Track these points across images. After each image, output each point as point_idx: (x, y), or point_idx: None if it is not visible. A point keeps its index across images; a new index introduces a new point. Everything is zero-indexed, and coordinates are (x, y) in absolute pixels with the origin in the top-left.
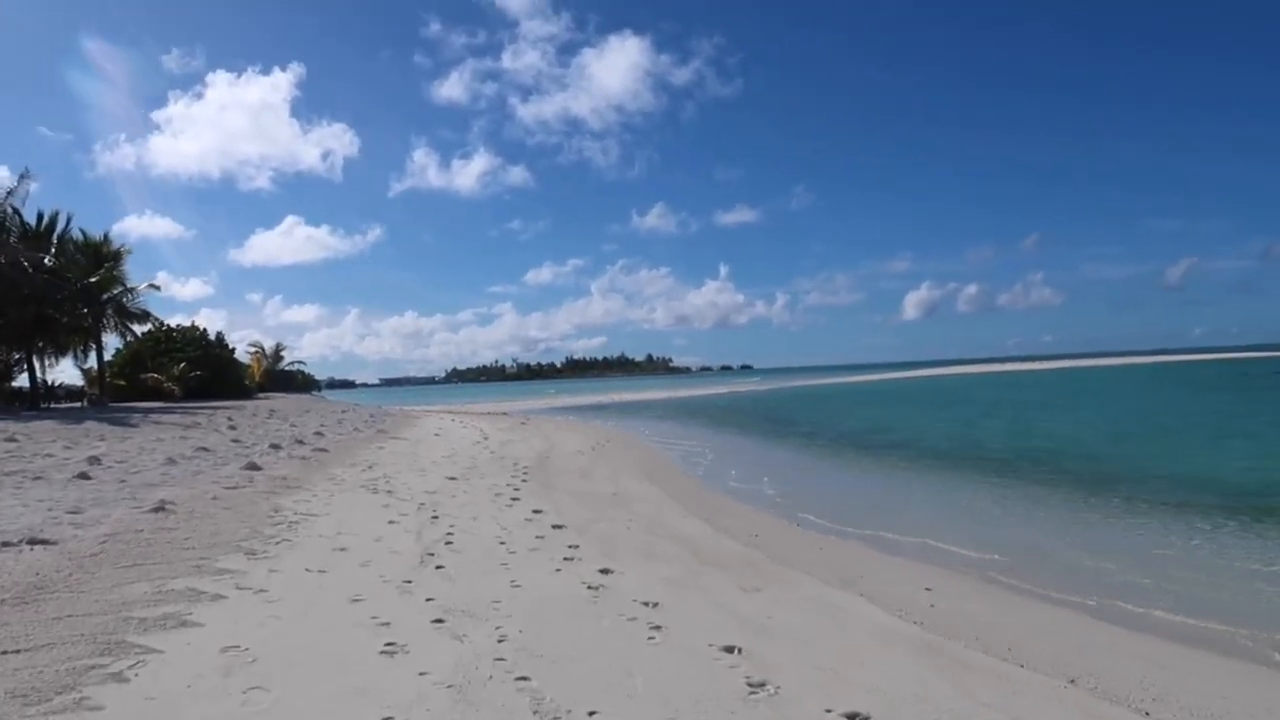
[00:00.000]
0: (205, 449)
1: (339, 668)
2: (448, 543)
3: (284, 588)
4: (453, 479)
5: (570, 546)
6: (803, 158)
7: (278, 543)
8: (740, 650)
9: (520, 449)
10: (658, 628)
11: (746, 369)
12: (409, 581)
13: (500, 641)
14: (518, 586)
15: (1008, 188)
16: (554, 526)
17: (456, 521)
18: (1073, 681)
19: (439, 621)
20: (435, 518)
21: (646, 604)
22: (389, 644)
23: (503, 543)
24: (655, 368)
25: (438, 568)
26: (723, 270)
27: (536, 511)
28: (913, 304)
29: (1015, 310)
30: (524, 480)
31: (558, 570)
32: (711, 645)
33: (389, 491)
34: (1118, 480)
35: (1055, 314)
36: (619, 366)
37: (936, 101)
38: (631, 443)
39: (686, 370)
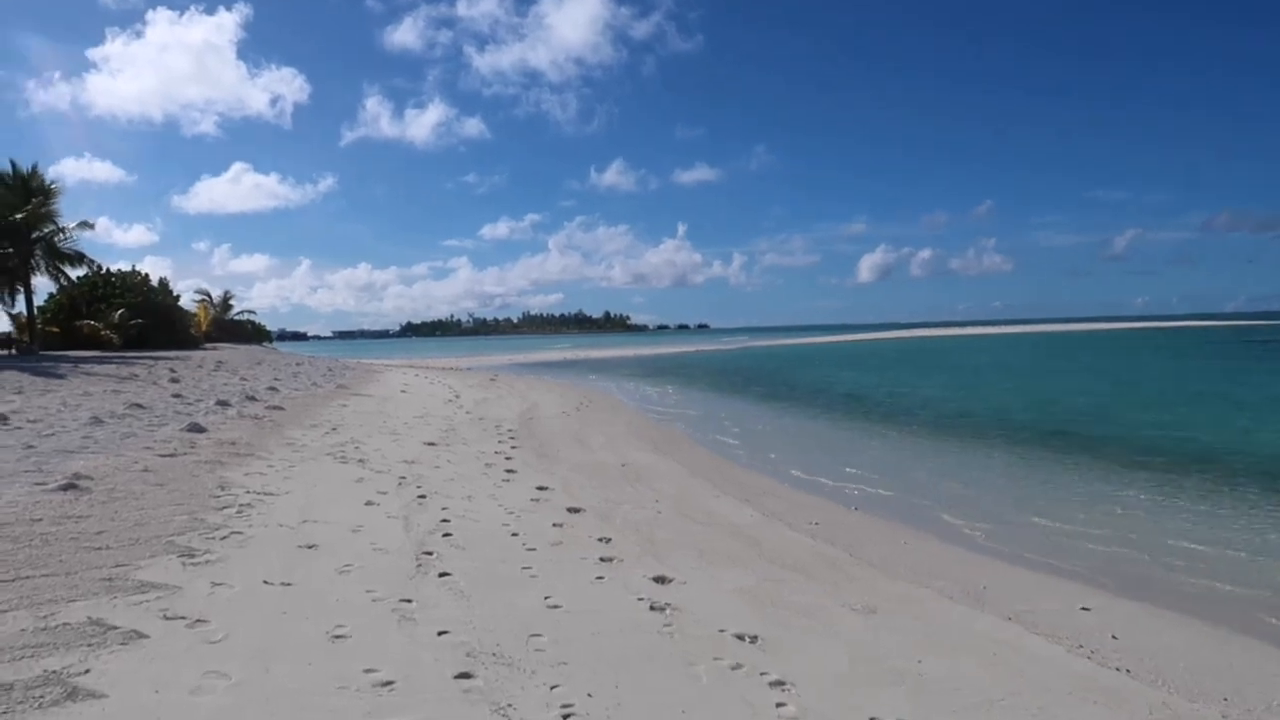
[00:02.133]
0: (140, 405)
1: None
2: (446, 535)
3: (232, 616)
4: (432, 445)
5: (601, 540)
6: (764, 119)
7: (224, 537)
8: None
9: (498, 409)
10: (780, 684)
11: (703, 328)
12: (408, 601)
13: (567, 719)
14: (556, 607)
15: (962, 157)
16: (570, 510)
17: (449, 502)
18: None
19: (465, 677)
20: (422, 497)
21: (742, 638)
22: None
23: (514, 534)
24: (613, 325)
25: (441, 575)
26: (681, 229)
27: (541, 489)
28: (867, 267)
29: (967, 275)
30: (514, 447)
31: (599, 579)
32: None
33: (361, 461)
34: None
35: (1005, 280)
36: (576, 324)
37: (894, 73)
38: (615, 405)
39: (644, 328)
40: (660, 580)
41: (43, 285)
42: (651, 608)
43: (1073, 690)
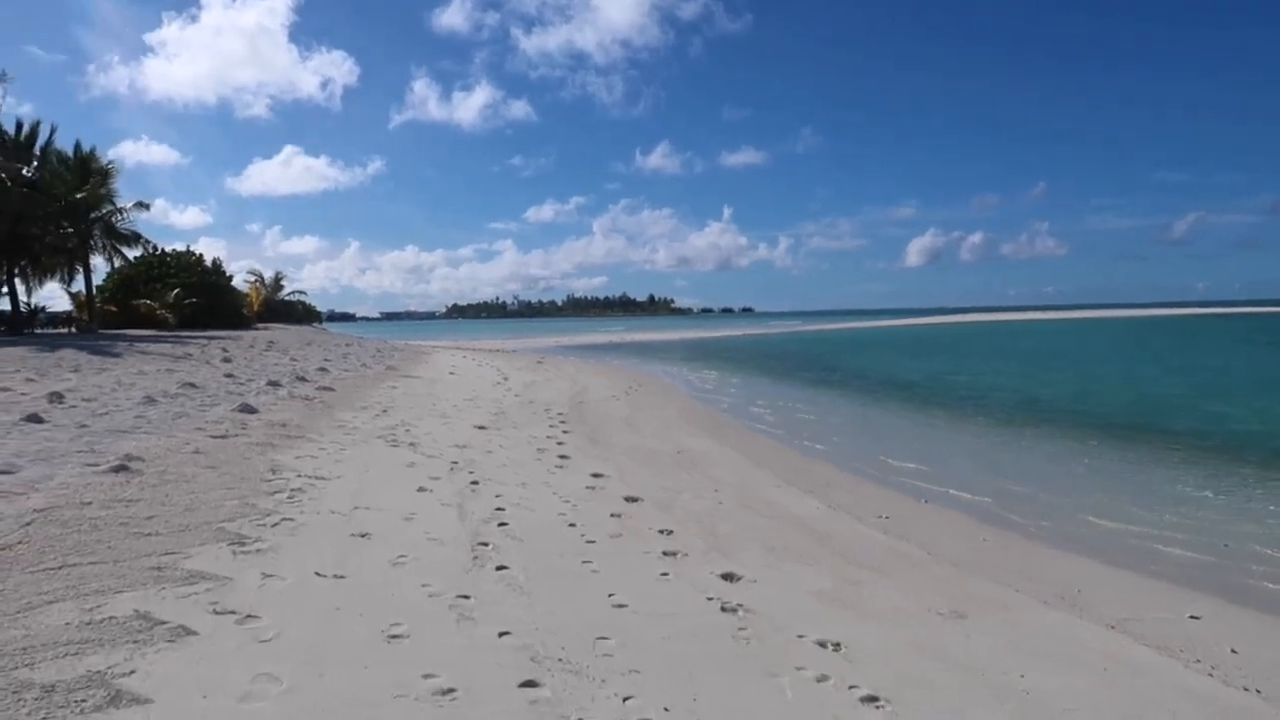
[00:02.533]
0: (193, 385)
1: None
2: (501, 525)
3: (283, 611)
4: (482, 428)
5: (663, 533)
6: (810, 101)
7: (275, 524)
8: None
9: (546, 392)
10: (874, 701)
11: (748, 312)
12: (465, 597)
13: None
14: (621, 606)
15: (1015, 138)
16: (627, 499)
17: (503, 490)
18: None
19: (530, 685)
20: (475, 483)
21: (824, 645)
22: None
23: (572, 524)
24: (657, 309)
25: (499, 569)
26: (726, 212)
27: (596, 475)
28: (916, 251)
29: (1018, 260)
30: (565, 432)
31: (664, 575)
32: None
33: (412, 445)
34: None
35: (1057, 265)
36: (620, 307)
37: (946, 53)
38: (666, 389)
39: (688, 311)
40: (729, 578)
41: (101, 265)
42: (723, 609)
43: (1198, 713)
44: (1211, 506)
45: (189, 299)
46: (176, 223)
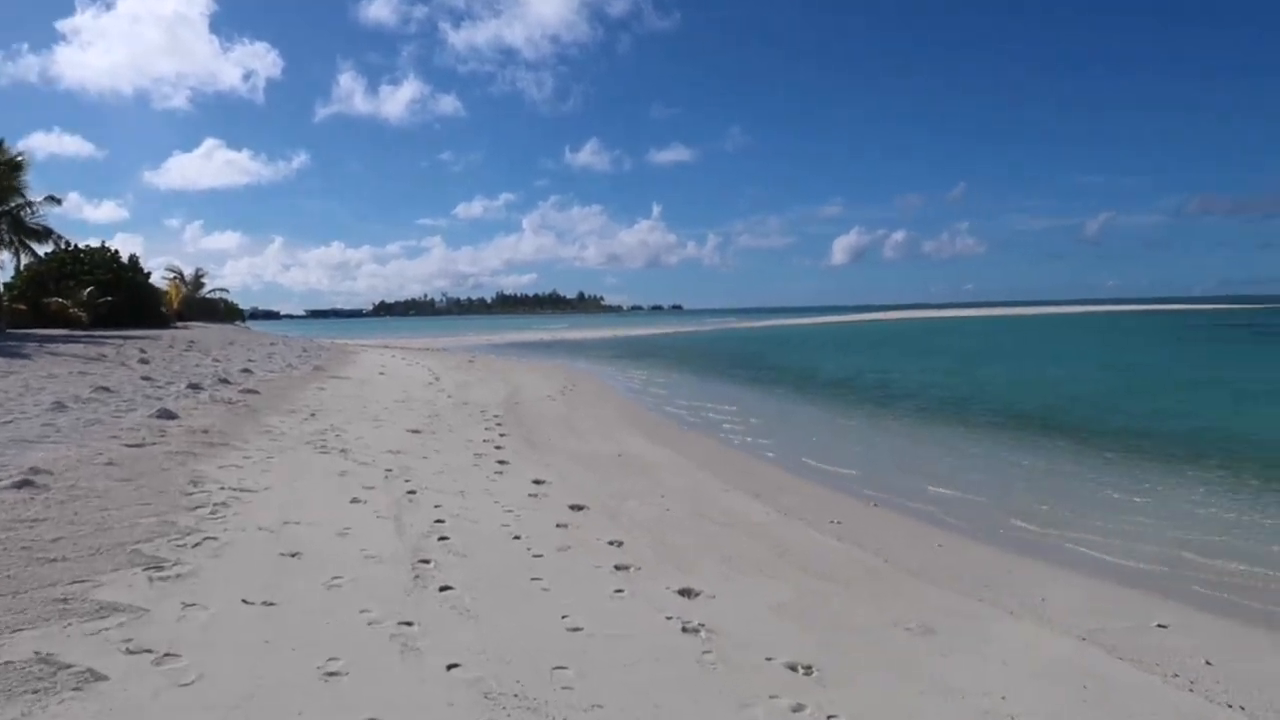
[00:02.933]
0: (107, 389)
1: None
2: (441, 539)
3: (206, 647)
4: (416, 432)
5: (612, 544)
6: (739, 99)
7: (196, 544)
8: None
9: (480, 392)
10: None
11: (677, 309)
12: (408, 624)
13: None
14: (577, 630)
15: (937, 139)
16: (572, 507)
17: (441, 499)
18: None
19: None
20: (412, 492)
21: (795, 668)
22: None
23: (516, 536)
24: (587, 306)
25: (443, 589)
26: (655, 209)
27: (538, 482)
28: (842, 249)
29: (940, 258)
30: (502, 435)
31: (618, 592)
32: None
33: (343, 451)
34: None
35: (978, 263)
36: (550, 304)
37: (869, 54)
38: (601, 388)
39: (618, 309)
40: (687, 593)
41: (9, 262)
42: (684, 629)
43: None
44: (1157, 507)
45: (104, 297)
46: (91, 218)
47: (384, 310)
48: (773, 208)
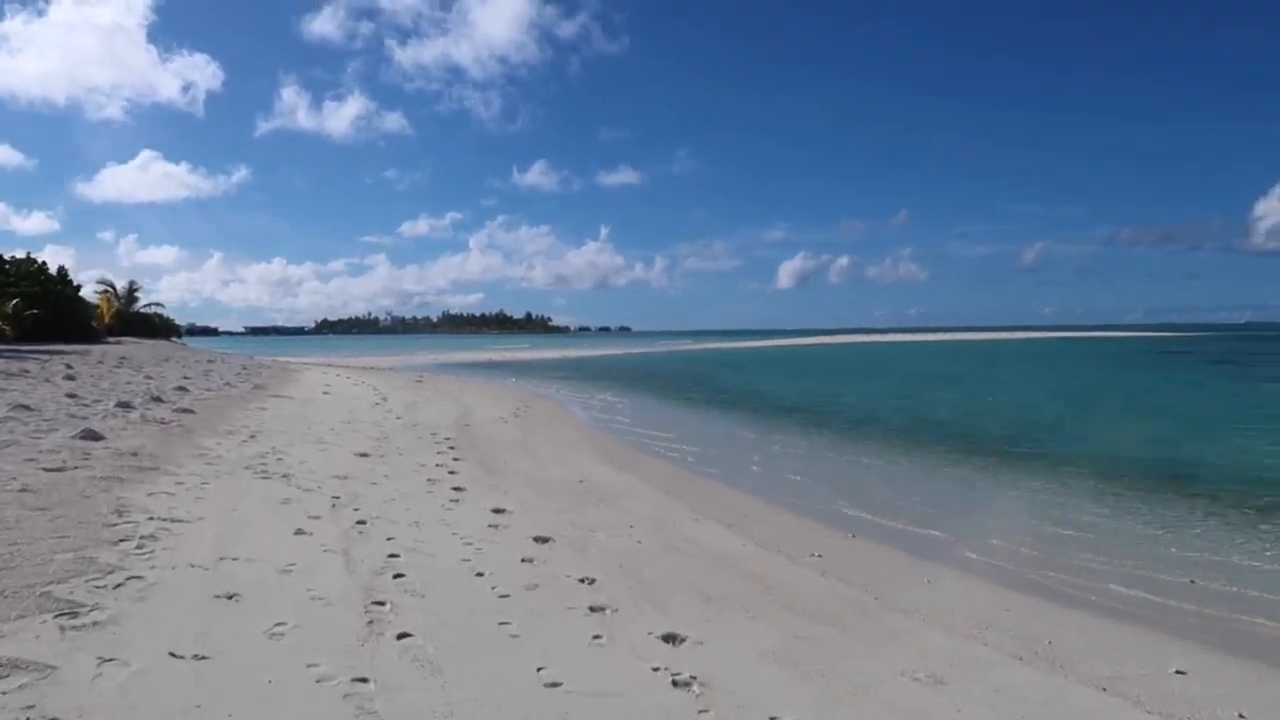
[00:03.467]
0: (27, 407)
1: None
2: (397, 576)
3: (125, 714)
4: (364, 456)
5: (583, 581)
6: (687, 122)
7: (119, 585)
8: None
9: (430, 413)
10: None
11: (625, 330)
12: (363, 680)
13: None
14: (555, 686)
15: (880, 166)
16: (536, 539)
17: (394, 530)
18: None
19: None
20: (362, 523)
21: None
22: None
23: (479, 573)
24: (534, 326)
25: (400, 636)
26: (603, 231)
27: (498, 511)
28: (787, 273)
29: (884, 283)
30: (456, 459)
31: (596, 638)
32: None
33: (285, 476)
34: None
35: (920, 288)
36: (497, 324)
37: (813, 80)
38: (555, 410)
39: (565, 330)
40: (671, 639)
41: None
42: (675, 683)
43: None
44: (1150, 539)
45: (30, 310)
46: (19, 229)
47: (327, 328)
48: (719, 231)
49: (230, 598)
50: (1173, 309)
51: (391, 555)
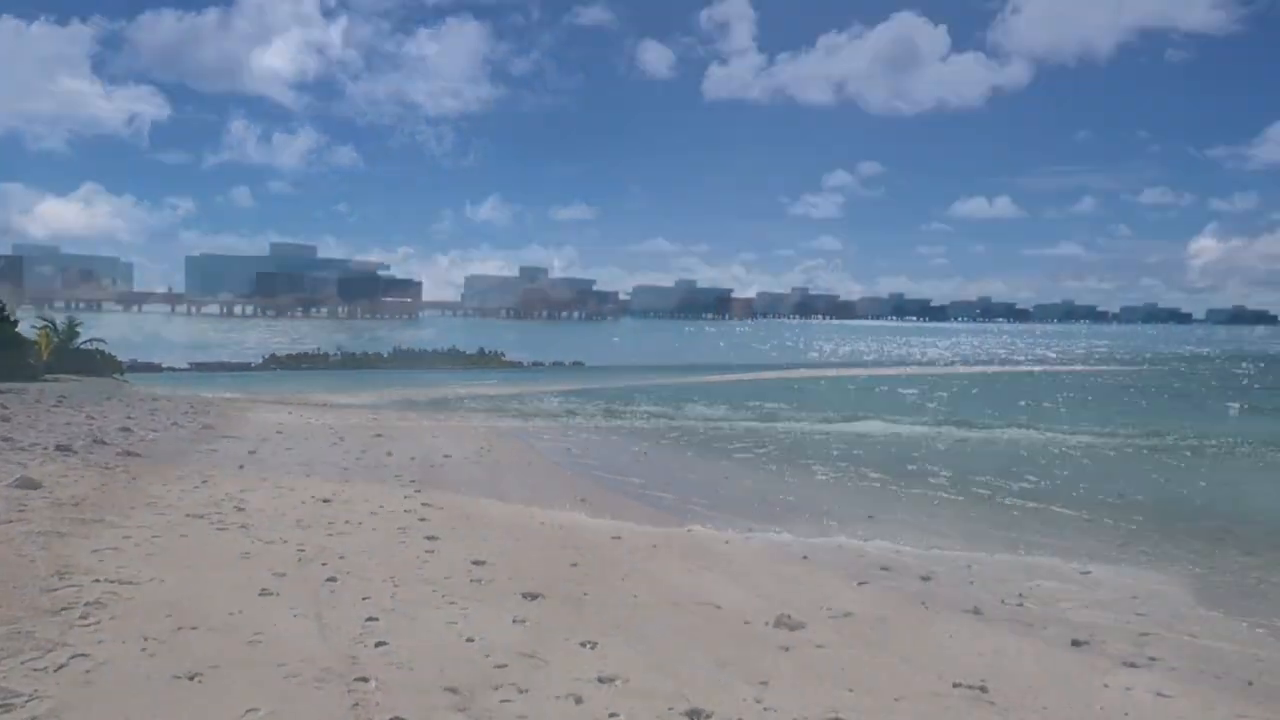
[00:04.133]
0: None
1: None
2: (379, 644)
3: None
4: (326, 501)
5: (587, 646)
6: (636, 160)
7: (60, 666)
8: None
9: (392, 453)
10: None
11: (578, 365)
12: None
13: None
14: None
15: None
16: (526, 595)
17: (369, 588)
18: None
19: None
20: (332, 579)
21: None
22: None
23: (470, 639)
24: (488, 361)
25: None
26: (557, 265)
27: (477, 563)
28: (741, 308)
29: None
30: (425, 504)
31: (613, 718)
32: None
33: (243, 526)
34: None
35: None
36: (450, 359)
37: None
38: (523, 449)
39: (519, 365)
40: (695, 717)
41: None
42: None
43: None
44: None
45: None
46: None
47: (275, 363)
48: (675, 267)
49: (192, 678)
50: None
51: (369, 619)
